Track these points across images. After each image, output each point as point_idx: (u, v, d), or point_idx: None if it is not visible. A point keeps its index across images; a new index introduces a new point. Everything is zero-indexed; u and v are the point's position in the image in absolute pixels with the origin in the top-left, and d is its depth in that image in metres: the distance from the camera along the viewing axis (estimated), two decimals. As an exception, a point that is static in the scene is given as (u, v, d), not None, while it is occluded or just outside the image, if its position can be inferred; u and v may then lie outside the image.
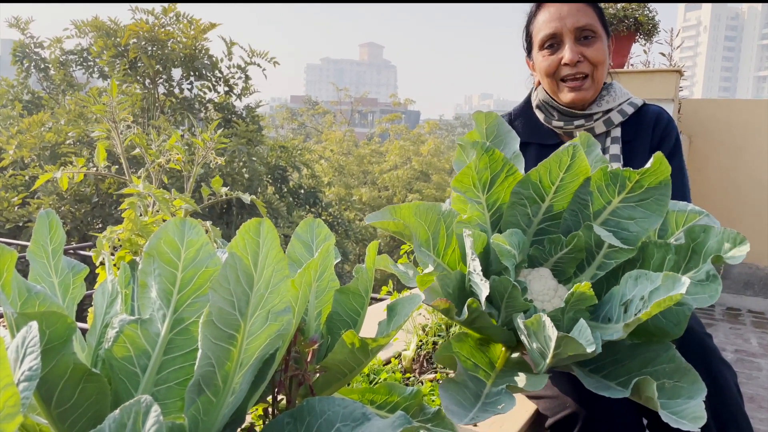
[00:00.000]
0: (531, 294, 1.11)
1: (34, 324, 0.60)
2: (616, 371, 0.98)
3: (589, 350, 0.91)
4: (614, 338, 1.00)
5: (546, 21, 1.48)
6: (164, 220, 1.34)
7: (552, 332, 0.93)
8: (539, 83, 1.60)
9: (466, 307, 1.05)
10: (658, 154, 1.05)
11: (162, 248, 0.73)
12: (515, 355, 1.17)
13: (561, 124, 1.55)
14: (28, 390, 0.56)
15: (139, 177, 1.30)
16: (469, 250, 1.09)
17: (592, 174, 1.13)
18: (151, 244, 0.73)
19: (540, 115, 1.59)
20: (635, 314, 0.96)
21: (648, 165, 1.06)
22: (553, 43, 1.48)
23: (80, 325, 1.54)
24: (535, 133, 1.57)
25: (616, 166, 1.24)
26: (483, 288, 1.06)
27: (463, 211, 1.16)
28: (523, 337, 1.05)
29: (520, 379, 1.06)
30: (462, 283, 1.16)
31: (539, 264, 1.18)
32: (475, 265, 1.09)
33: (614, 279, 1.09)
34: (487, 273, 1.16)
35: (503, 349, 1.16)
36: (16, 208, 6.51)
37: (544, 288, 1.12)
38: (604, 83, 1.56)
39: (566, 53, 1.46)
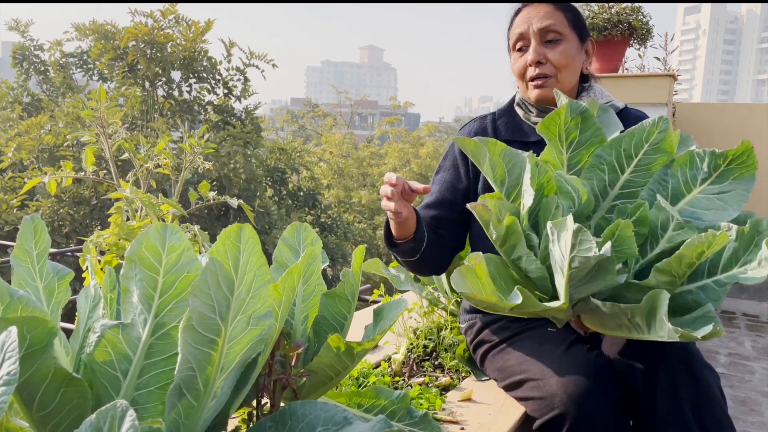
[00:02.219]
0: None
1: (14, 329, 0.61)
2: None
3: (598, 252, 0.92)
4: (638, 276, 1.00)
5: (517, 24, 1.55)
6: (154, 224, 1.35)
7: (570, 230, 0.93)
8: None
9: (505, 220, 1.04)
10: (746, 142, 1.02)
11: (143, 253, 0.74)
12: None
13: (539, 120, 1.57)
14: (5, 395, 0.57)
15: (128, 181, 1.31)
16: (528, 165, 1.09)
17: (677, 157, 1.11)
18: (133, 249, 0.73)
19: (520, 112, 1.62)
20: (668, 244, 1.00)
21: (735, 150, 1.04)
22: (522, 45, 1.54)
23: (69, 326, 1.55)
24: (517, 131, 1.59)
25: None
26: (528, 197, 1.05)
27: (543, 159, 1.15)
28: (549, 248, 1.04)
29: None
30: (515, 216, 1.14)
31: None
32: (526, 179, 1.08)
33: None
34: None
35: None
36: (14, 210, 6.52)
37: None
38: (585, 85, 1.58)
39: (529, 54, 1.51)
